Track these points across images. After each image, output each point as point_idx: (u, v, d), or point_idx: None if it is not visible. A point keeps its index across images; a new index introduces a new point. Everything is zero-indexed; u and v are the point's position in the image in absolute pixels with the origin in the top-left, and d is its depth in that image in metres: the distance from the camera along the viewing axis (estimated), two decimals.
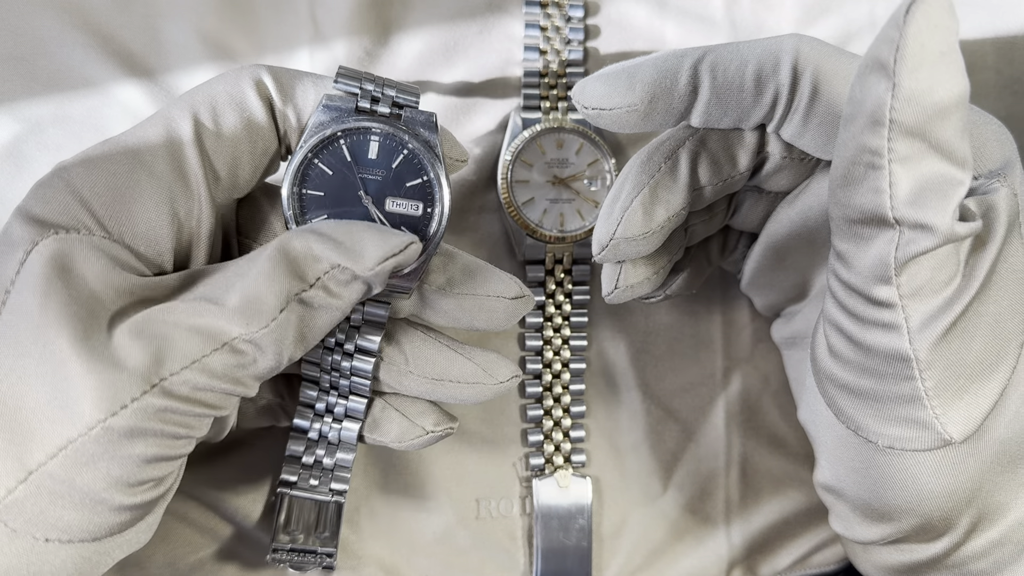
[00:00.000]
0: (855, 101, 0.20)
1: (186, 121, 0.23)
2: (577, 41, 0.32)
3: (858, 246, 0.21)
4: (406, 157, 0.25)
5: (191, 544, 0.29)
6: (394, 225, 0.25)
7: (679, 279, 0.29)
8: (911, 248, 0.20)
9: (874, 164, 0.19)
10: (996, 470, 0.23)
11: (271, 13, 0.30)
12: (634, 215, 0.24)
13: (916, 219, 0.20)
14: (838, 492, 0.25)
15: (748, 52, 0.23)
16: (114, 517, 0.21)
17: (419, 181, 0.25)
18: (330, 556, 0.28)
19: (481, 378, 0.26)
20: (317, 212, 0.24)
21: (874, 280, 0.21)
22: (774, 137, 0.25)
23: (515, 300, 0.26)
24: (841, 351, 0.23)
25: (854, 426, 0.23)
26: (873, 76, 0.19)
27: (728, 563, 0.33)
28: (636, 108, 0.24)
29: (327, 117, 0.24)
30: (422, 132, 0.25)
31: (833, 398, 0.24)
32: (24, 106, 0.29)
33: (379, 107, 0.24)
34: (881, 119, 0.19)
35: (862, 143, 0.19)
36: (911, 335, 0.21)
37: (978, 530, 0.24)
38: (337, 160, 0.24)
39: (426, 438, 0.27)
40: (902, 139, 0.19)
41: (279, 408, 0.28)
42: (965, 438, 0.22)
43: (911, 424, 0.22)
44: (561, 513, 0.31)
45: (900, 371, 0.22)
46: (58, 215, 0.22)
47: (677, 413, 0.33)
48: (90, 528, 0.20)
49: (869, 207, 0.20)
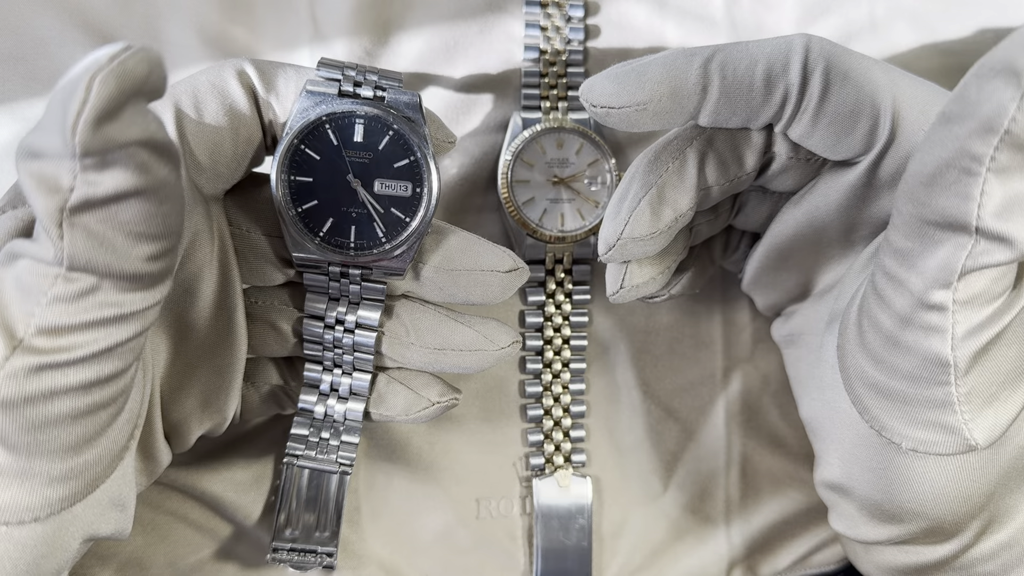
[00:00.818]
0: (968, 101, 0.19)
1: (167, 109, 0.23)
2: (577, 41, 0.32)
3: (924, 246, 0.20)
4: (392, 138, 0.25)
5: (191, 544, 0.29)
6: (385, 207, 0.25)
7: (683, 279, 0.29)
8: (984, 259, 0.19)
9: (971, 170, 0.19)
10: (1011, 475, 0.23)
11: (271, 13, 0.30)
12: (642, 215, 0.24)
13: (999, 232, 0.19)
14: (847, 491, 0.25)
15: (758, 51, 0.23)
16: (52, 491, 0.20)
17: (406, 161, 0.25)
18: (330, 555, 0.28)
19: (483, 344, 0.26)
20: (308, 198, 0.24)
21: (934, 283, 0.20)
22: (781, 137, 0.25)
23: (509, 273, 0.26)
24: (876, 349, 0.22)
25: (879, 426, 0.23)
26: (998, 80, 0.18)
27: (728, 563, 0.33)
28: (645, 107, 0.24)
29: (310, 103, 0.24)
30: (407, 112, 0.25)
31: (860, 396, 0.24)
32: (24, 106, 0.29)
33: (362, 90, 0.24)
34: (996, 127, 0.18)
35: (964, 147, 0.19)
36: (955, 341, 0.21)
37: (987, 533, 0.23)
38: (324, 145, 0.24)
39: (432, 409, 0.27)
40: (1008, 151, 0.18)
41: (283, 393, 0.28)
42: (989, 444, 0.22)
43: (939, 428, 0.22)
44: (561, 513, 0.31)
45: (936, 375, 0.21)
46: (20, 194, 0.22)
47: (677, 413, 0.33)
48: (28, 507, 0.19)
49: (953, 211, 0.19)
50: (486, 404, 0.32)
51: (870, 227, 0.25)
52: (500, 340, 0.27)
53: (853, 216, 0.25)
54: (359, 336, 0.26)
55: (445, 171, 0.31)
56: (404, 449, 0.31)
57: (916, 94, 0.23)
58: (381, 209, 0.25)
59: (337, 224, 0.25)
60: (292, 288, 0.27)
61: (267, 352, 0.27)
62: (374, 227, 0.25)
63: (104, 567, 0.28)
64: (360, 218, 0.25)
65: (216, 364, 0.25)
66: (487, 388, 0.32)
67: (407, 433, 0.31)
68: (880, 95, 0.23)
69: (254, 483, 0.30)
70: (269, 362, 0.28)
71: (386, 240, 0.25)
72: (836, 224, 0.25)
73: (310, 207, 0.24)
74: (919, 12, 0.33)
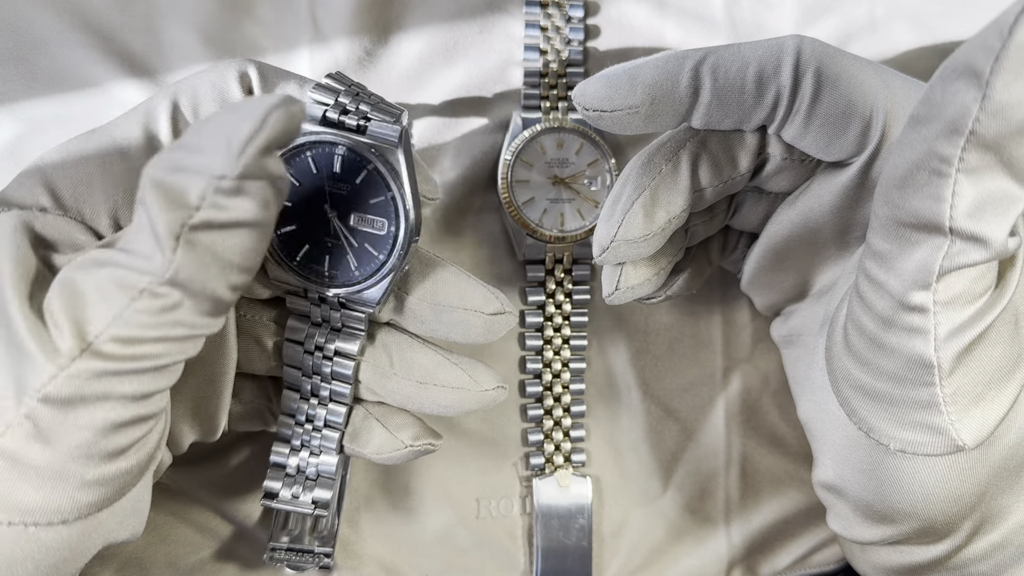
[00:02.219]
0: (933, 103, 0.19)
1: (165, 108, 0.23)
2: (577, 41, 0.32)
3: (902, 248, 0.20)
4: (368, 175, 0.24)
5: (191, 544, 0.29)
6: (359, 242, 0.24)
7: (680, 279, 0.29)
8: (960, 259, 0.19)
9: (940, 172, 0.19)
10: (1002, 475, 0.23)
11: (271, 13, 0.30)
12: (635, 217, 0.24)
13: (973, 232, 0.19)
14: (840, 491, 0.25)
15: (749, 53, 0.23)
16: (84, 495, 0.20)
17: (381, 199, 0.24)
18: (328, 556, 0.28)
19: (466, 384, 0.26)
20: (286, 223, 0.24)
21: (912, 284, 0.20)
22: (775, 138, 0.25)
23: (494, 316, 0.25)
24: (860, 351, 0.23)
25: (866, 428, 0.23)
26: (961, 82, 0.18)
27: (728, 563, 0.33)
28: (637, 110, 0.24)
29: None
30: (385, 150, 0.24)
31: (847, 398, 0.24)
32: (25, 106, 0.29)
33: (347, 119, 0.23)
34: (961, 128, 0.18)
35: (932, 148, 0.19)
36: (937, 343, 0.21)
37: (980, 533, 0.23)
38: (303, 172, 0.24)
39: (405, 452, 0.26)
40: (976, 151, 0.18)
41: (267, 411, 0.28)
42: (978, 445, 0.22)
43: (925, 429, 0.22)
44: (561, 513, 0.31)
45: (920, 376, 0.21)
46: (18, 194, 0.22)
47: (677, 413, 0.33)
48: (57, 509, 0.20)
49: (926, 213, 0.19)
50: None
51: (864, 228, 0.25)
52: (485, 382, 0.26)
53: (847, 217, 0.25)
54: (336, 366, 0.26)
55: (444, 173, 0.31)
56: None
57: (909, 95, 0.23)
58: (355, 243, 0.24)
59: (311, 252, 0.24)
60: (281, 307, 0.27)
61: (251, 368, 0.27)
62: (347, 260, 0.24)
63: (104, 567, 0.28)
64: (335, 248, 0.24)
65: (208, 373, 0.25)
66: None
67: None
68: (872, 96, 0.23)
69: (254, 483, 0.30)
70: (253, 379, 0.27)
71: (359, 274, 0.24)
72: (830, 225, 0.25)
73: (288, 231, 0.24)
74: (919, 12, 0.33)
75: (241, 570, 0.30)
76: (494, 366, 0.31)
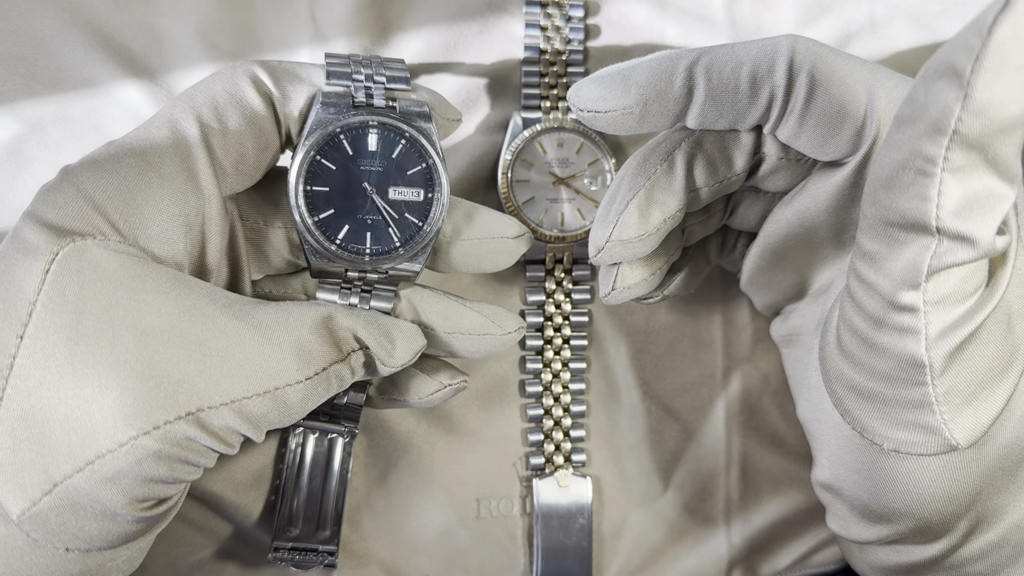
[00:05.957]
0: (917, 104, 0.19)
1: (191, 122, 0.23)
2: (577, 41, 0.32)
3: (890, 248, 0.20)
4: (405, 146, 0.25)
5: (191, 544, 0.29)
6: (399, 212, 0.25)
7: (677, 279, 0.29)
8: (948, 258, 0.20)
9: (925, 171, 0.19)
10: (998, 474, 0.23)
11: (271, 13, 0.30)
12: (629, 218, 0.24)
13: (959, 231, 0.19)
14: (837, 491, 0.25)
15: (743, 53, 0.23)
16: (126, 528, 0.21)
17: (419, 168, 0.25)
18: (332, 554, 0.28)
19: (490, 329, 0.26)
20: (325, 208, 0.25)
21: (902, 284, 0.20)
22: (770, 138, 0.25)
23: (517, 239, 0.27)
24: (853, 351, 0.23)
25: (860, 428, 0.23)
26: (943, 82, 0.18)
27: (728, 563, 0.33)
28: (631, 111, 0.24)
29: (326, 114, 0.24)
30: (417, 120, 0.25)
31: (841, 399, 0.24)
32: (24, 106, 0.29)
33: (374, 100, 0.25)
34: (944, 128, 0.18)
35: (917, 148, 0.19)
36: (928, 342, 0.21)
37: (976, 532, 0.23)
38: (339, 155, 0.25)
39: (444, 392, 0.27)
40: (960, 150, 0.18)
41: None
42: (971, 444, 0.22)
43: (919, 429, 0.22)
44: (561, 513, 0.31)
45: (912, 376, 0.21)
46: (73, 221, 0.21)
47: (677, 413, 0.33)
48: (107, 538, 0.21)
49: (912, 213, 0.19)
50: (486, 404, 0.32)
51: None
52: (507, 325, 0.27)
53: (843, 217, 0.25)
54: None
55: None
56: (404, 449, 0.31)
57: (903, 94, 0.23)
58: (396, 215, 0.25)
59: (353, 231, 0.25)
60: (305, 276, 0.28)
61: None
62: (389, 233, 0.25)
63: None
64: (376, 224, 0.25)
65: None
66: (487, 388, 0.32)
67: (407, 433, 0.31)
68: (866, 96, 0.23)
69: (254, 483, 0.30)
70: None
71: (400, 246, 0.25)
72: (827, 224, 0.25)
73: (327, 216, 0.25)
74: (919, 12, 0.33)
75: (241, 570, 0.30)
76: (494, 365, 0.31)
